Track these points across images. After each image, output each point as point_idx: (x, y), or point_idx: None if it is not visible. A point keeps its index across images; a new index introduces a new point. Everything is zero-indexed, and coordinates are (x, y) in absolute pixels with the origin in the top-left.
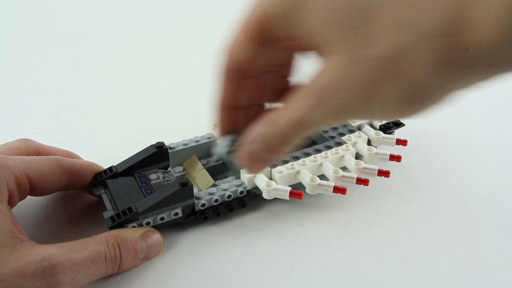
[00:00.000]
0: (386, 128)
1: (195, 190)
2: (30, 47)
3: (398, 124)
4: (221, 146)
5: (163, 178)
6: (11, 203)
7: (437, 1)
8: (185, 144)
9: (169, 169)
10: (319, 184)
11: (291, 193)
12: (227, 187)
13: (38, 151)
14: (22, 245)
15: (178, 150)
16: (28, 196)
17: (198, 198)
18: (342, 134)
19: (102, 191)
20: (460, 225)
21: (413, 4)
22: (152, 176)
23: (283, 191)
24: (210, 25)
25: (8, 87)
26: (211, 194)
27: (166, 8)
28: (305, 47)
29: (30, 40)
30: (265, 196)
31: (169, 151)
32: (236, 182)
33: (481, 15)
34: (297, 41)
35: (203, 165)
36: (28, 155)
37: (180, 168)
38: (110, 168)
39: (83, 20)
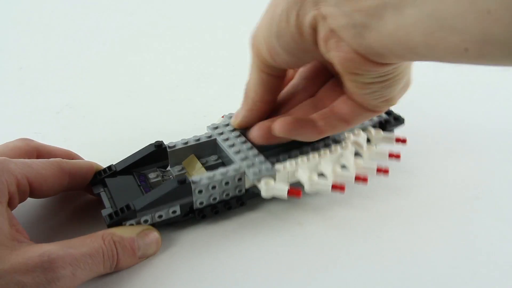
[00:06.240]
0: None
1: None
2: (30, 47)
3: (398, 120)
4: None
5: (162, 177)
6: (11, 205)
7: None
8: (184, 143)
9: (168, 168)
10: (317, 182)
11: (289, 192)
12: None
13: (38, 150)
14: (21, 246)
15: (177, 149)
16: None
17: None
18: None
19: (101, 189)
20: (460, 224)
21: None
22: (151, 175)
23: (282, 189)
24: (210, 25)
25: (8, 87)
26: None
27: (166, 8)
28: None
29: (30, 40)
30: (263, 194)
31: (168, 150)
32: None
33: None
34: None
35: (202, 164)
36: (28, 155)
37: (179, 167)
38: (109, 167)
39: (83, 20)
